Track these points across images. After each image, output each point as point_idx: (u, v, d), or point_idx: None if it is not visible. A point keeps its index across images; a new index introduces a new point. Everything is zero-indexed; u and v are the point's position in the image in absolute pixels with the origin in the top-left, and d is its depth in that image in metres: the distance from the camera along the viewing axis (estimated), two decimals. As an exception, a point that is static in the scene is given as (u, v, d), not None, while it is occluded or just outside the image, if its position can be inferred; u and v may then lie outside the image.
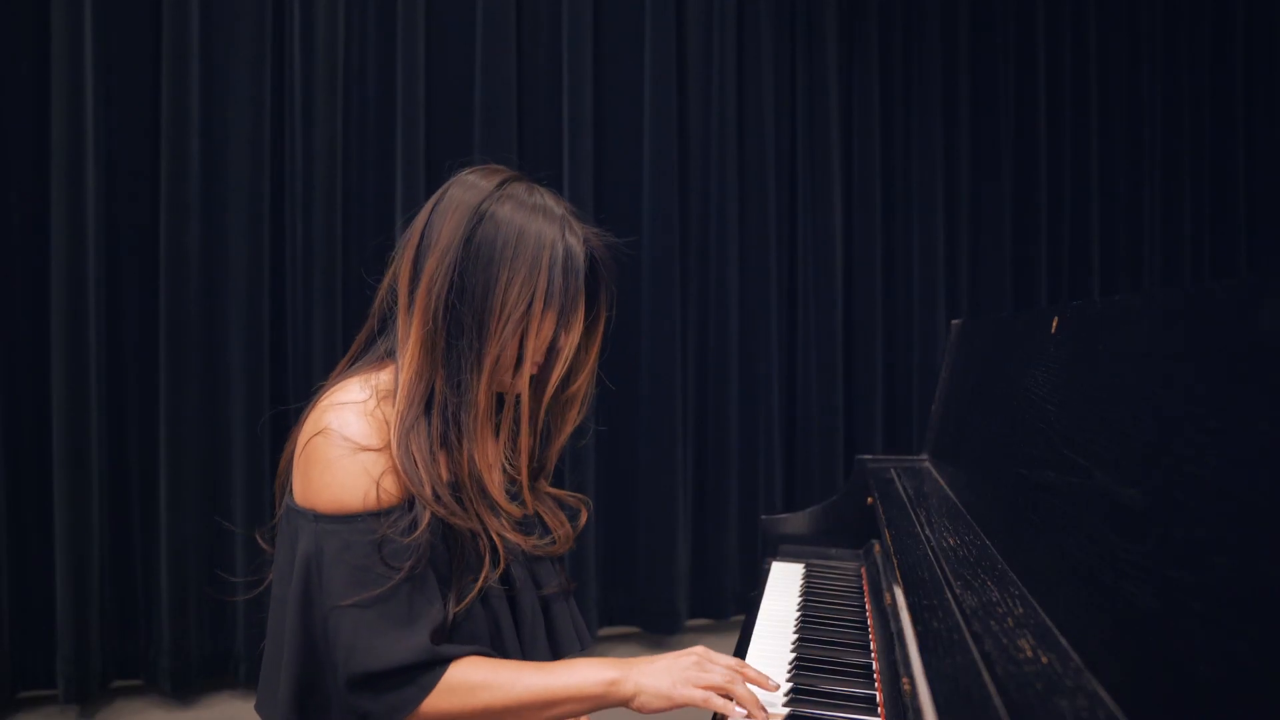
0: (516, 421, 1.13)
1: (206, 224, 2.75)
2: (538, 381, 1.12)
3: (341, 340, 2.89)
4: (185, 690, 2.74)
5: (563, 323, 1.09)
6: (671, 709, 0.97)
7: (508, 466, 1.14)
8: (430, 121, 3.05)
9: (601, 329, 1.22)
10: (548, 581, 1.16)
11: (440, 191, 1.11)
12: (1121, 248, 4.07)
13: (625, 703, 0.99)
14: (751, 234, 3.49)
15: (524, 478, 1.13)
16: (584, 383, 1.21)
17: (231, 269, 2.78)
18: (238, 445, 2.78)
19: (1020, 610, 0.83)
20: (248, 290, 2.79)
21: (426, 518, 1.00)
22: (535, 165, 3.04)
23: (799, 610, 1.39)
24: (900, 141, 3.76)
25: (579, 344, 1.19)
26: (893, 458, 1.81)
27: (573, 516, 1.23)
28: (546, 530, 1.19)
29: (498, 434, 1.13)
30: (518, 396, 1.11)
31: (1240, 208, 4.17)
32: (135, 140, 2.72)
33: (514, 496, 1.14)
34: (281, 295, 2.87)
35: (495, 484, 1.09)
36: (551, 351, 1.10)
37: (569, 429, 1.22)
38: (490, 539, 1.05)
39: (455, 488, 1.04)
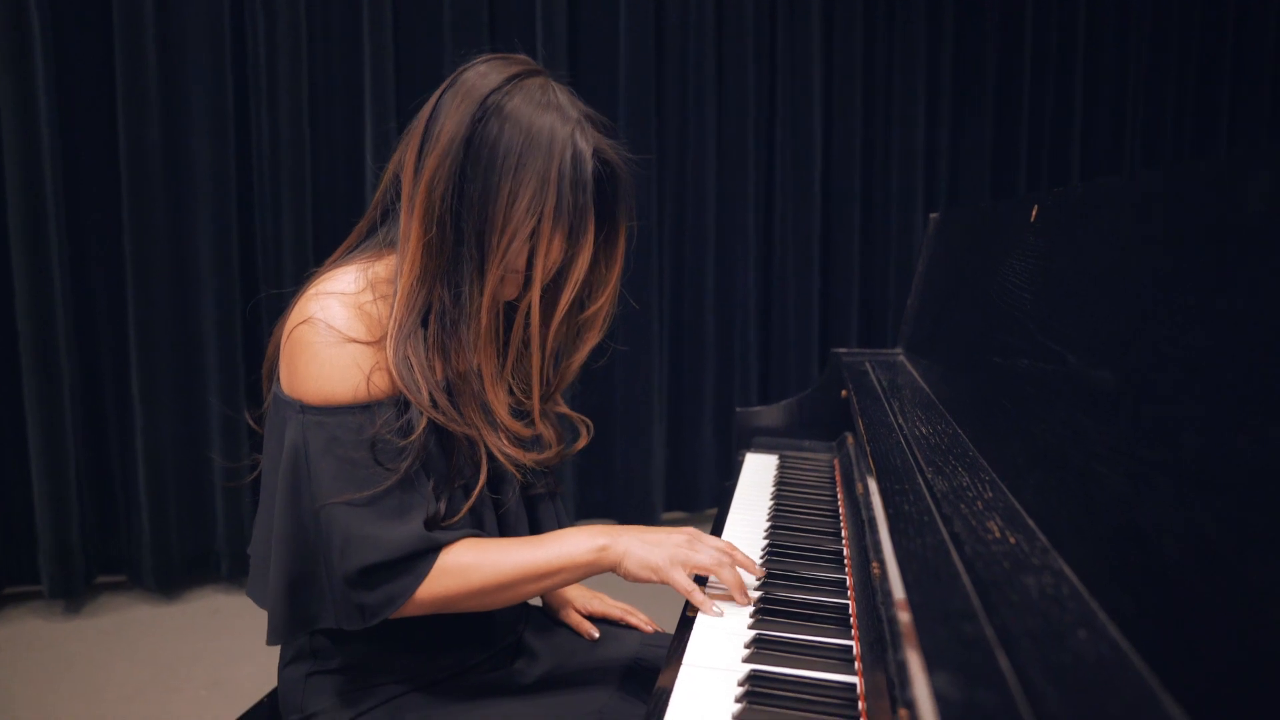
0: (526, 342, 1.06)
1: (168, 119, 2.66)
2: (547, 303, 1.06)
3: (312, 230, 2.84)
4: (169, 585, 2.78)
5: (573, 241, 1.01)
6: (656, 583, 0.98)
7: (514, 387, 1.09)
8: (397, 10, 2.94)
9: (622, 245, 1.14)
10: (534, 481, 1.16)
11: (450, 78, 1.03)
12: (1103, 145, 4.03)
13: (613, 568, 1.00)
14: (729, 132, 3.43)
15: (535, 400, 1.07)
16: (604, 302, 1.14)
17: (196, 163, 2.70)
18: (210, 338, 2.76)
19: (990, 494, 0.85)
20: (214, 183, 2.72)
21: (423, 422, 0.98)
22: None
23: (772, 499, 1.41)
24: (883, 38, 3.66)
25: (598, 261, 1.12)
26: (868, 351, 1.82)
27: (573, 436, 1.21)
28: (542, 444, 1.16)
29: (506, 350, 1.07)
30: (528, 314, 1.04)
31: (1225, 95, 4.12)
32: (85, 34, 2.60)
33: (520, 415, 1.09)
34: (249, 186, 2.80)
35: (499, 401, 1.04)
36: (562, 272, 1.03)
37: (586, 350, 1.16)
38: (486, 446, 1.03)
39: (450, 393, 1.01)
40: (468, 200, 0.98)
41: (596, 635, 1.24)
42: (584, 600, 1.29)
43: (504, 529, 1.10)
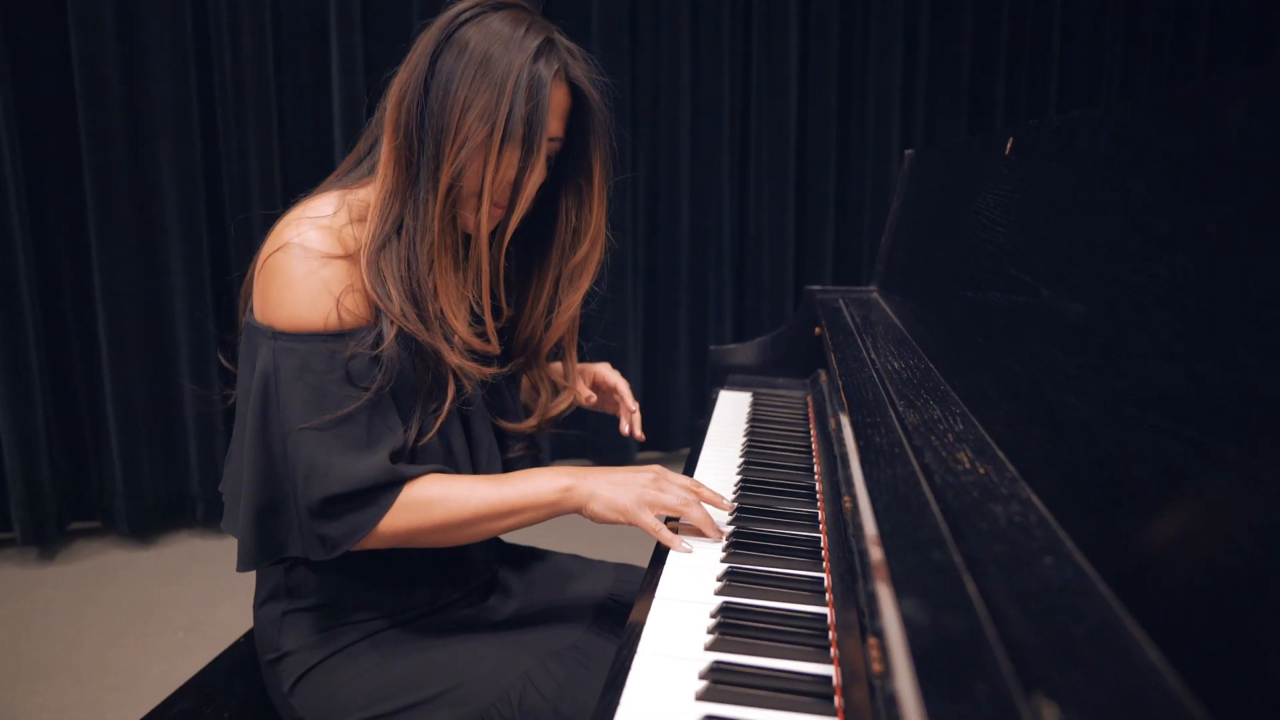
0: (496, 268, 1.07)
1: (124, 54, 2.57)
2: (500, 224, 1.06)
3: (280, 165, 2.78)
4: (143, 531, 2.77)
5: (526, 158, 1.01)
6: (623, 524, 0.99)
7: (475, 306, 1.07)
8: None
9: (599, 186, 1.13)
10: (512, 444, 1.17)
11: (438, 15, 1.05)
12: (1080, 83, 4.00)
13: (578, 509, 1.00)
14: (704, 72, 3.37)
15: (488, 319, 1.06)
16: (590, 247, 1.14)
17: (156, 99, 2.62)
18: (176, 275, 2.72)
19: (961, 427, 0.85)
20: (175, 121, 2.64)
21: (393, 332, 0.98)
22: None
23: (746, 436, 1.41)
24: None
25: (581, 204, 1.14)
26: (841, 288, 1.81)
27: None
28: (504, 364, 1.15)
29: (465, 269, 1.06)
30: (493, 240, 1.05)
31: (1203, 38, 4.09)
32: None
33: (481, 335, 1.07)
34: (213, 124, 2.73)
35: (458, 316, 1.04)
36: (515, 191, 1.03)
37: (578, 299, 1.16)
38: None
39: (419, 307, 1.02)
40: (429, 109, 1.00)
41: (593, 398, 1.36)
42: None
43: (476, 469, 1.10)
